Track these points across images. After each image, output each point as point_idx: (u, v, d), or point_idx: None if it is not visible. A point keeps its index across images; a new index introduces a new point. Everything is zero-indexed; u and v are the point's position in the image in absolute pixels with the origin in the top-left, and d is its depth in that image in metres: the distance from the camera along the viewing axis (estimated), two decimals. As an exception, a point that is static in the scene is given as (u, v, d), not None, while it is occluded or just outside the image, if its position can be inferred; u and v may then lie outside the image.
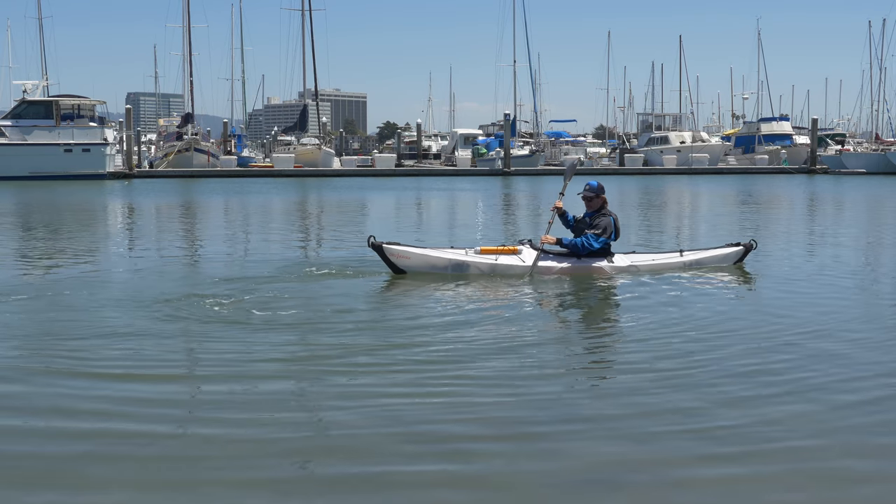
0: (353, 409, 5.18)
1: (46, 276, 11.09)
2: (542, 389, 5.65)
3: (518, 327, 7.67)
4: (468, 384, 5.73)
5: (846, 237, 16.48)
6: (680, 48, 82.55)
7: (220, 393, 5.54)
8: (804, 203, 29.05)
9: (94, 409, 5.20)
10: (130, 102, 73.71)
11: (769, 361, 6.40)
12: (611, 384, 5.93)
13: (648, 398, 5.46)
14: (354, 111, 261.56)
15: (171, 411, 5.19)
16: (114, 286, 9.97)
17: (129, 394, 5.53)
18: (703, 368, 6.19)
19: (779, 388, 5.68)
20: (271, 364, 6.25)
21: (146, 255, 13.67)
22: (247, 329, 7.39)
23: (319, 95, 63.62)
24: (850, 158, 59.99)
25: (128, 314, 8.04)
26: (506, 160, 55.86)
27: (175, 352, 6.72)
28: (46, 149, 46.98)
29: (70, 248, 14.47)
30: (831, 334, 7.38)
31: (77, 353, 6.53)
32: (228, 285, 9.76)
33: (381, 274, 10.54)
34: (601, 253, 10.63)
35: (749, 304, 9.17)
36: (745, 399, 5.44)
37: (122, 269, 11.62)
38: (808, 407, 5.27)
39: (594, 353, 7.02)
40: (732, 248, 11.43)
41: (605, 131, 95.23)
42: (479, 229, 18.79)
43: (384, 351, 6.64)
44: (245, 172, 54.10)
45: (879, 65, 70.92)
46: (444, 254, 10.51)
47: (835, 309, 8.59)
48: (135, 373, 6.01)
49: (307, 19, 60.95)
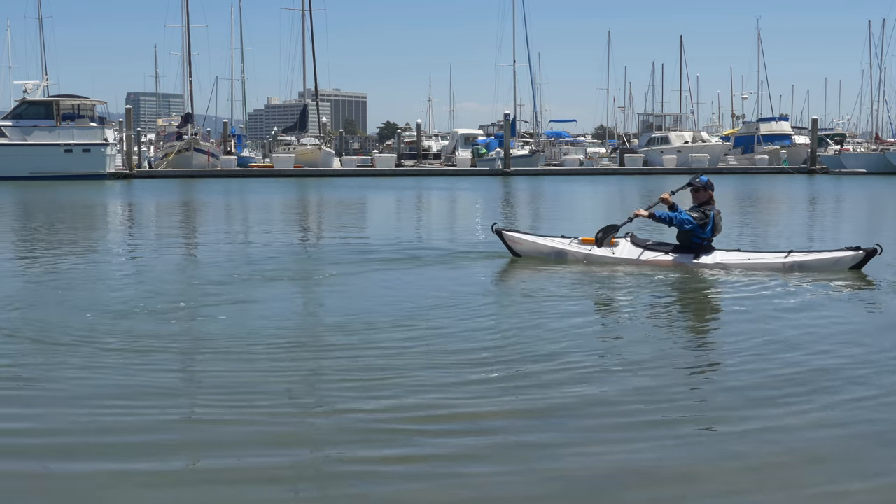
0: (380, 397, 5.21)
1: (46, 275, 11.09)
2: (585, 391, 5.66)
3: (586, 321, 7.73)
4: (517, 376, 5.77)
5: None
6: (680, 48, 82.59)
7: (225, 384, 5.57)
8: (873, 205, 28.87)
9: (99, 402, 5.24)
10: (130, 102, 73.68)
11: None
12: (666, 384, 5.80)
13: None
14: (354, 111, 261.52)
15: (173, 406, 5.22)
16: (115, 285, 9.99)
17: (129, 391, 5.54)
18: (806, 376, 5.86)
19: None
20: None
21: (146, 254, 13.68)
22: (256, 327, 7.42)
23: (319, 95, 63.61)
24: (849, 158, 59.97)
25: (127, 313, 8.07)
26: (506, 160, 55.85)
27: (175, 349, 6.75)
28: (47, 149, 46.99)
29: (70, 248, 14.49)
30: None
31: (89, 338, 6.56)
32: (230, 281, 9.78)
33: (386, 271, 10.55)
34: (696, 248, 10.79)
35: (866, 317, 8.18)
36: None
37: (121, 269, 11.64)
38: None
39: (655, 350, 6.72)
40: (849, 253, 10.52)
41: (605, 131, 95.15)
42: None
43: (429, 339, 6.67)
44: (245, 172, 54.09)
45: (879, 65, 70.96)
46: (548, 242, 11.79)
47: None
48: (137, 365, 6.05)
49: (307, 19, 61.03)
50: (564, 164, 62.61)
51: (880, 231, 18.52)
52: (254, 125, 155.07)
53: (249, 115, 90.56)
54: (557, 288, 9.64)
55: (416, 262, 11.91)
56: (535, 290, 9.55)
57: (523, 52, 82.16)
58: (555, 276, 10.45)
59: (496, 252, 12.47)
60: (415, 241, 15.20)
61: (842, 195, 33.02)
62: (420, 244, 14.61)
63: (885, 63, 70.78)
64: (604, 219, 22.10)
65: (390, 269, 11.13)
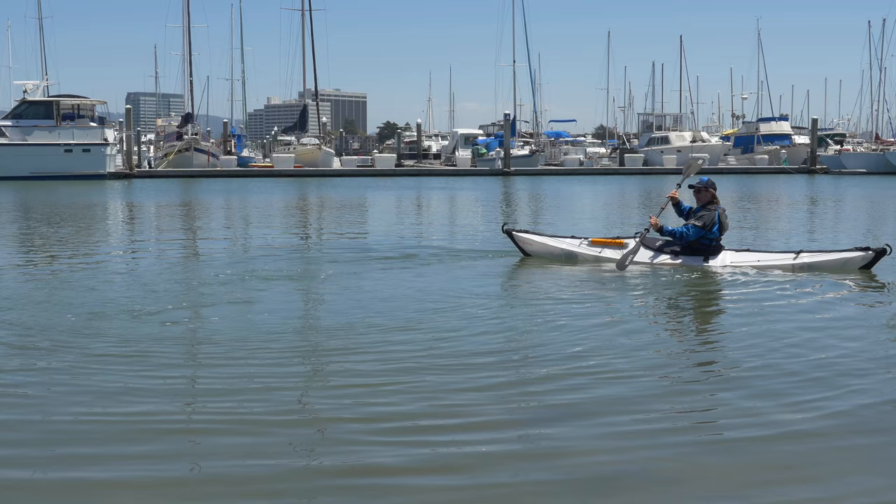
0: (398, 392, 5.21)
1: (46, 275, 11.09)
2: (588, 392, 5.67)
3: (595, 323, 7.68)
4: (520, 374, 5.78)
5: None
6: (680, 48, 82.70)
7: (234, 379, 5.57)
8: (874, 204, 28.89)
9: (102, 398, 5.24)
10: (130, 102, 73.61)
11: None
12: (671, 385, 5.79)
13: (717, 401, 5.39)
14: (354, 111, 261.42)
15: (174, 400, 5.23)
16: (114, 285, 9.99)
17: (132, 387, 5.54)
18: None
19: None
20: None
21: (145, 254, 13.68)
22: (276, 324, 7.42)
23: (319, 95, 63.61)
24: (849, 158, 59.98)
25: (127, 313, 8.07)
26: (506, 160, 55.84)
27: (175, 346, 6.76)
28: (47, 149, 47.00)
29: (69, 248, 14.49)
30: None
31: (92, 335, 6.56)
32: (231, 281, 9.79)
33: (387, 270, 10.57)
34: (705, 248, 10.80)
35: (879, 318, 8.06)
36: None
37: (121, 269, 11.64)
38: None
39: (657, 353, 6.69)
40: (859, 253, 10.51)
41: (605, 131, 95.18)
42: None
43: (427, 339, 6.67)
44: (245, 172, 54.08)
45: (879, 65, 70.94)
46: (558, 243, 11.82)
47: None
48: (140, 356, 6.05)
49: (307, 19, 61.05)
50: (564, 164, 62.62)
51: (882, 231, 18.51)
52: (254, 125, 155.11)
53: (249, 115, 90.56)
54: (567, 289, 9.63)
55: (417, 262, 11.91)
56: (544, 290, 9.55)
57: (523, 52, 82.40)
58: (564, 277, 10.45)
59: (501, 251, 12.50)
60: (415, 241, 15.18)
61: (842, 195, 33.00)
62: (421, 244, 14.59)
63: (885, 63, 70.89)
64: (604, 219, 22.21)
65: (390, 270, 11.13)
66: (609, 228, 17.02)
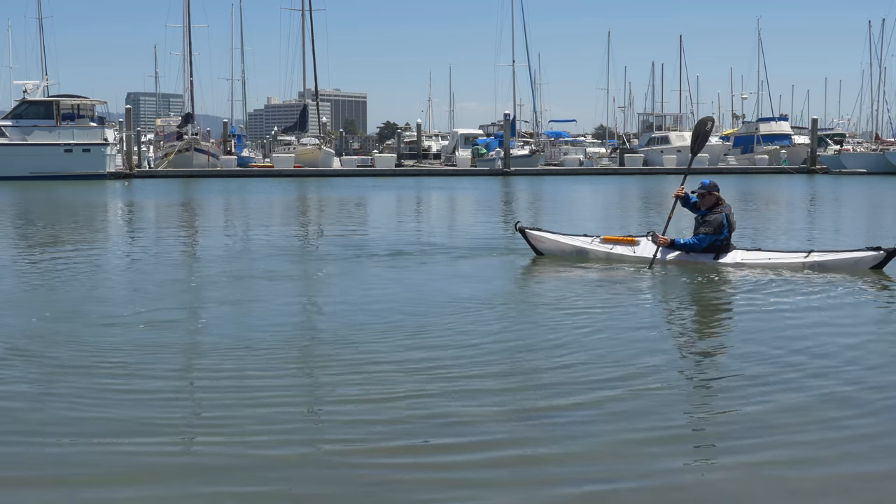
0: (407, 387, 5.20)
1: (45, 276, 11.09)
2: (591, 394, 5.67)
3: (606, 322, 7.68)
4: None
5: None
6: (680, 48, 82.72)
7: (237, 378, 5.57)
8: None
9: (102, 398, 5.25)
10: (130, 102, 73.64)
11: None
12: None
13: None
14: (354, 111, 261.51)
15: (174, 400, 5.22)
16: (114, 285, 10.00)
17: (132, 386, 5.55)
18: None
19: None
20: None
21: (145, 254, 13.66)
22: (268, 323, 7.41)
23: (319, 95, 63.61)
24: (849, 158, 59.97)
25: (126, 313, 8.08)
26: (506, 160, 55.85)
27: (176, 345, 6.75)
28: (47, 149, 47.01)
29: (69, 248, 14.48)
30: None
31: (93, 339, 6.56)
32: (231, 281, 9.79)
33: (389, 269, 10.55)
34: (716, 248, 10.91)
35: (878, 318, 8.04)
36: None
37: (120, 269, 11.63)
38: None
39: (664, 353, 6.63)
40: (870, 252, 10.48)
41: (605, 131, 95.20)
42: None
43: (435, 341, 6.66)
44: (245, 172, 54.10)
45: (879, 65, 70.95)
46: (570, 240, 11.92)
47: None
48: (141, 358, 6.05)
49: (307, 19, 61.08)
50: (564, 164, 62.64)
51: (882, 231, 18.51)
52: (254, 125, 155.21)
53: (249, 115, 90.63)
54: (578, 287, 9.65)
55: (417, 261, 11.92)
56: (556, 289, 9.60)
57: (523, 52, 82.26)
58: (576, 276, 10.50)
59: (510, 249, 12.54)
60: (416, 240, 15.17)
61: (842, 195, 33.00)
62: (422, 243, 14.58)
63: (885, 63, 70.92)
64: (604, 218, 22.22)
65: (392, 269, 11.13)
66: (609, 228, 16.98)
